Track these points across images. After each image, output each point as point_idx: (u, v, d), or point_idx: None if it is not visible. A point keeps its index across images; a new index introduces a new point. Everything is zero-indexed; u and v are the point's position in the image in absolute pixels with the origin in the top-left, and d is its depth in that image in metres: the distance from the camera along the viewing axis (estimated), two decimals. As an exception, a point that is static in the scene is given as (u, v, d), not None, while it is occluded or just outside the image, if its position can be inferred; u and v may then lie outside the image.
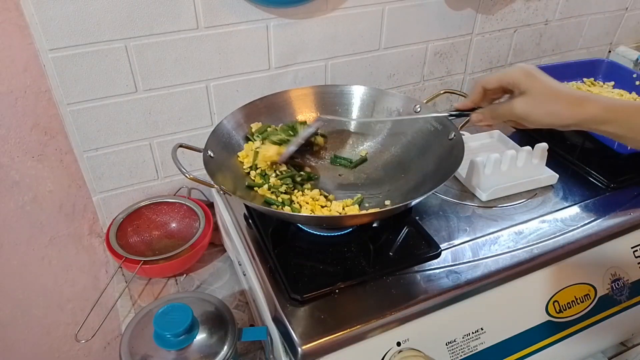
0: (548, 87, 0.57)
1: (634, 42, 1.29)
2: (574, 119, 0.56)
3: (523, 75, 0.58)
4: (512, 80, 0.59)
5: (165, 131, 0.87)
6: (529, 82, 0.58)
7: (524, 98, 0.58)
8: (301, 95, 0.82)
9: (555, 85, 0.57)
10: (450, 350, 0.62)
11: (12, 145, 0.79)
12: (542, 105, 0.57)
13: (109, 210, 0.90)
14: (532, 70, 0.58)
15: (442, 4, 0.96)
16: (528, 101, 0.58)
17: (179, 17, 0.76)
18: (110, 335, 1.08)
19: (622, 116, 0.54)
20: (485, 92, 0.64)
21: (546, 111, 0.57)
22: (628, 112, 0.54)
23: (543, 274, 0.69)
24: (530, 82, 0.58)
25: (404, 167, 0.76)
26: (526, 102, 0.58)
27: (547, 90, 0.57)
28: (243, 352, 0.73)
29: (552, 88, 0.57)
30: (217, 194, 0.82)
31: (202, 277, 0.85)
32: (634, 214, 0.75)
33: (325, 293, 0.61)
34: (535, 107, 0.57)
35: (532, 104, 0.57)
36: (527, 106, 0.58)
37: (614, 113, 0.55)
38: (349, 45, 0.92)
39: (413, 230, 0.71)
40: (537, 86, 0.57)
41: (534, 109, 0.57)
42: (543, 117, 0.57)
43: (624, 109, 0.55)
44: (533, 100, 0.57)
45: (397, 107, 0.79)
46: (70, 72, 0.74)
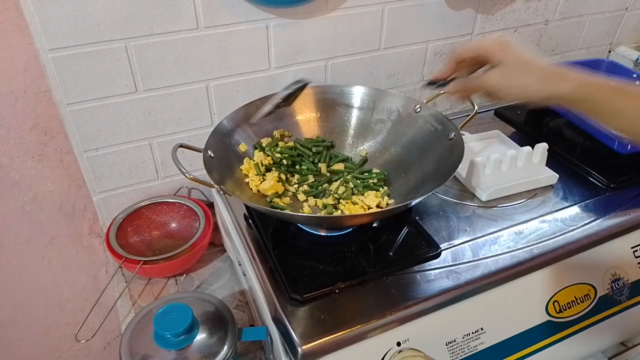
0: (521, 59, 0.55)
1: (634, 42, 1.29)
2: (545, 93, 0.54)
3: (497, 46, 0.56)
4: (486, 50, 0.57)
5: (165, 131, 0.87)
6: (502, 54, 0.55)
7: (496, 70, 0.56)
8: (301, 96, 0.81)
9: (530, 58, 0.55)
10: (450, 350, 0.62)
11: (12, 145, 0.79)
12: (514, 78, 0.55)
13: (109, 210, 0.90)
14: (508, 42, 0.56)
15: (442, 4, 0.96)
16: (500, 74, 0.55)
17: (179, 17, 0.76)
18: (110, 335, 1.08)
19: (595, 95, 0.52)
20: (461, 62, 0.61)
21: (517, 84, 0.55)
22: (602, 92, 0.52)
23: (543, 274, 0.69)
24: (504, 54, 0.55)
25: (404, 167, 0.76)
26: (499, 74, 0.56)
27: (520, 62, 0.55)
28: (243, 352, 0.73)
29: (526, 61, 0.55)
30: (217, 194, 0.82)
31: (202, 277, 0.85)
32: (634, 214, 0.75)
33: (325, 293, 0.61)
34: (506, 80, 0.55)
35: (504, 77, 0.55)
36: (499, 79, 0.56)
37: (588, 90, 0.52)
38: (349, 45, 0.92)
39: (413, 230, 0.71)
40: (510, 58, 0.55)
41: (506, 82, 0.55)
42: (514, 90, 0.55)
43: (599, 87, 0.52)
44: (505, 74, 0.55)
45: (397, 107, 0.79)
46: (70, 72, 0.74)
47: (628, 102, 0.51)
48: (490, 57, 0.57)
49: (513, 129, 0.97)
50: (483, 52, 0.58)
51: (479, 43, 0.58)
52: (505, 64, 0.55)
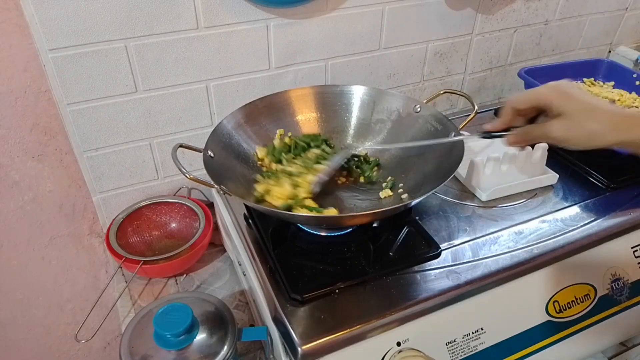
0: (586, 107, 0.52)
1: (634, 42, 1.29)
2: (616, 139, 0.52)
3: (556, 95, 0.54)
4: (544, 101, 0.55)
5: (165, 131, 0.87)
6: (563, 103, 0.53)
7: (560, 121, 0.54)
8: (301, 95, 0.82)
9: (594, 102, 0.53)
10: (450, 350, 0.62)
11: (12, 145, 0.79)
12: (581, 127, 0.52)
13: (109, 210, 0.90)
14: (566, 88, 0.54)
15: (442, 4, 0.96)
16: (566, 124, 0.53)
17: (179, 17, 0.76)
18: (110, 335, 1.08)
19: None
20: (517, 112, 0.59)
21: (585, 134, 0.52)
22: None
23: (543, 274, 0.69)
24: (565, 103, 0.53)
25: (404, 167, 0.76)
26: (564, 124, 0.53)
27: (585, 110, 0.52)
28: (243, 352, 0.73)
29: (591, 108, 0.52)
30: (217, 194, 0.82)
31: (202, 277, 0.85)
32: (634, 214, 0.75)
33: (325, 293, 0.61)
34: (574, 130, 0.53)
35: (571, 127, 0.53)
36: (566, 129, 0.53)
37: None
38: (349, 45, 0.92)
39: (413, 230, 0.71)
40: (573, 107, 0.53)
41: (574, 132, 0.53)
42: (584, 140, 0.53)
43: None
44: (571, 123, 0.53)
45: (397, 107, 0.79)
46: (70, 72, 0.74)
47: None
48: (550, 107, 0.55)
49: (513, 129, 0.97)
50: (541, 102, 0.56)
51: (536, 93, 0.56)
52: (568, 113, 0.53)
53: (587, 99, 0.53)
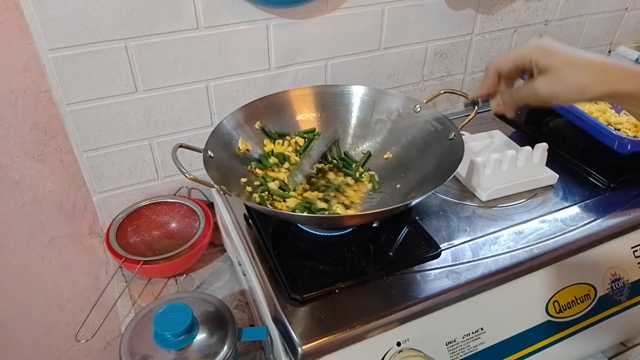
0: (571, 59, 0.51)
1: (634, 42, 1.29)
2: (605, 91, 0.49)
3: (539, 52, 0.53)
4: (528, 59, 0.53)
5: (165, 131, 0.87)
6: (547, 58, 0.52)
7: (546, 77, 0.52)
8: (301, 96, 0.82)
9: (579, 55, 0.51)
10: (450, 350, 0.62)
11: (12, 145, 0.79)
12: (569, 80, 0.51)
13: (109, 210, 0.90)
14: (548, 45, 0.53)
15: (442, 4, 0.96)
16: (551, 79, 0.52)
17: (179, 17, 0.76)
18: (110, 335, 1.08)
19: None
20: (500, 76, 0.58)
21: (575, 85, 0.50)
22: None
23: (543, 274, 0.69)
24: (550, 58, 0.52)
25: (404, 167, 0.76)
26: (550, 80, 0.52)
27: (570, 63, 0.51)
28: (243, 352, 0.73)
29: (576, 60, 0.50)
30: (217, 194, 0.82)
31: (202, 277, 0.85)
32: (634, 214, 0.75)
33: (325, 293, 0.61)
34: (562, 84, 0.51)
35: (557, 82, 0.51)
36: (552, 85, 0.52)
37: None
38: (349, 45, 0.92)
39: (413, 230, 0.71)
40: (557, 61, 0.51)
41: (561, 85, 0.51)
42: (573, 93, 0.51)
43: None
44: (557, 77, 0.51)
45: (397, 107, 0.79)
46: (70, 72, 0.74)
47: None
48: (534, 64, 0.53)
49: (513, 129, 0.97)
50: (524, 60, 0.54)
51: (517, 52, 0.55)
52: (553, 68, 0.51)
53: (571, 52, 0.52)
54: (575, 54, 0.51)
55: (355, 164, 0.78)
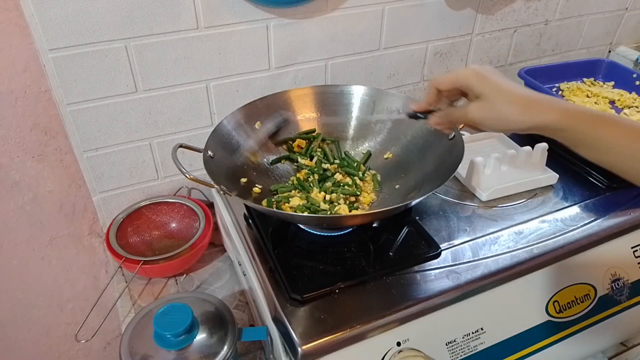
0: (501, 89, 0.53)
1: (634, 42, 1.29)
2: (529, 123, 0.52)
3: (474, 77, 0.55)
4: (464, 82, 0.55)
5: (165, 131, 0.87)
6: (481, 86, 0.54)
7: (478, 103, 0.54)
8: (301, 96, 0.82)
9: (509, 87, 0.53)
10: (450, 350, 0.62)
11: (12, 145, 0.79)
12: (496, 109, 0.53)
13: (109, 210, 0.90)
14: (484, 72, 0.55)
15: (442, 4, 0.96)
16: (483, 106, 0.54)
17: (179, 17, 0.76)
18: (110, 335, 1.08)
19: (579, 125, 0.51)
20: (440, 93, 0.60)
21: (500, 116, 0.53)
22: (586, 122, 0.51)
23: (543, 274, 0.69)
24: (483, 85, 0.54)
25: (404, 167, 0.76)
26: (481, 107, 0.54)
27: (500, 93, 0.53)
28: (243, 352, 0.73)
29: (505, 91, 0.53)
30: (217, 194, 0.82)
31: (202, 277, 0.85)
32: (634, 214, 0.75)
33: (325, 293, 0.61)
34: (489, 112, 0.53)
35: (486, 109, 0.54)
36: (482, 111, 0.54)
37: (571, 120, 0.51)
38: (349, 45, 0.92)
39: (413, 230, 0.71)
40: (489, 89, 0.53)
41: (488, 113, 0.54)
42: (498, 122, 0.54)
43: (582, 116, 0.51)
44: (486, 104, 0.54)
45: (397, 107, 0.79)
46: (70, 72, 0.74)
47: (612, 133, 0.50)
48: (469, 89, 0.55)
49: (513, 129, 0.97)
50: (460, 84, 0.56)
51: (455, 75, 0.57)
52: (485, 95, 0.54)
53: (502, 81, 0.54)
54: (505, 86, 0.53)
55: (357, 163, 0.78)
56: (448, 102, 0.61)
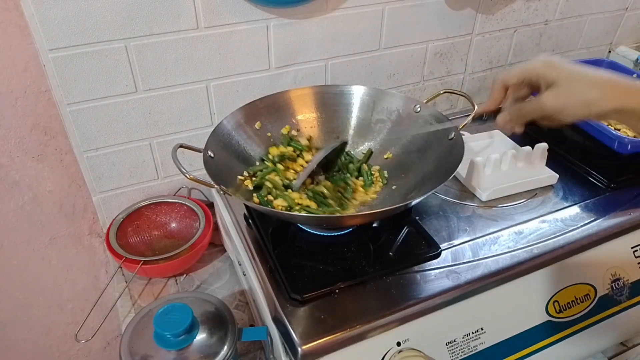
0: (578, 73, 0.50)
1: (634, 42, 1.29)
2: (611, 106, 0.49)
3: (546, 66, 0.52)
4: (535, 72, 0.53)
5: (165, 131, 0.87)
6: (554, 72, 0.51)
7: (553, 91, 0.51)
8: (301, 96, 0.82)
9: (585, 71, 0.50)
10: (450, 350, 0.62)
11: (12, 145, 0.79)
12: (575, 95, 0.50)
13: (109, 210, 0.90)
14: (555, 60, 0.52)
15: (442, 4, 0.96)
16: (559, 93, 0.51)
17: (179, 17, 0.76)
18: (110, 335, 1.08)
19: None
20: (507, 90, 0.57)
21: (580, 101, 0.50)
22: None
23: (543, 274, 0.69)
24: (557, 72, 0.51)
25: (404, 167, 0.76)
26: (557, 94, 0.51)
27: (578, 77, 0.50)
28: (243, 352, 0.73)
29: (583, 74, 0.50)
30: (217, 194, 0.82)
31: (202, 277, 0.85)
32: (634, 214, 0.75)
33: (325, 293, 0.61)
34: (568, 98, 0.50)
35: (564, 96, 0.51)
36: (559, 99, 0.51)
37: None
38: (349, 45, 0.92)
39: (413, 230, 0.71)
40: (565, 75, 0.51)
41: (568, 100, 0.50)
42: (579, 108, 0.50)
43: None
44: (565, 91, 0.51)
45: (397, 107, 0.79)
46: (70, 72, 0.74)
47: None
48: (542, 78, 0.53)
49: (513, 129, 0.97)
50: (530, 74, 0.54)
51: (524, 67, 0.55)
52: (561, 81, 0.51)
53: (579, 67, 0.51)
54: (582, 70, 0.51)
55: (359, 161, 0.78)
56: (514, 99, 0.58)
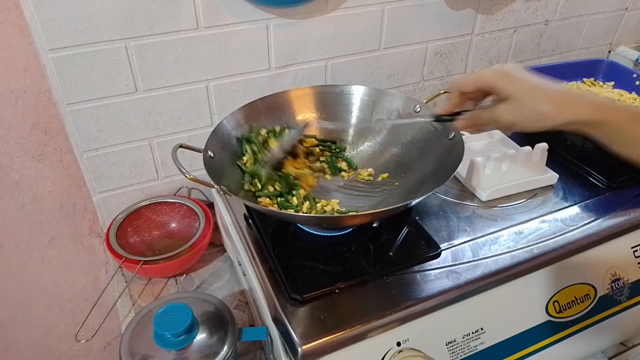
0: (531, 88, 0.52)
1: (634, 42, 1.29)
2: (564, 120, 0.51)
3: (500, 78, 0.53)
4: (489, 84, 0.54)
5: (165, 131, 0.87)
6: (509, 86, 0.52)
7: (507, 105, 0.53)
8: (301, 96, 0.82)
9: (539, 85, 0.52)
10: (450, 350, 0.62)
11: (12, 145, 0.79)
12: (529, 108, 0.51)
13: (109, 210, 0.90)
14: (510, 71, 0.53)
15: (442, 4, 0.96)
16: (513, 108, 0.52)
17: (179, 17, 0.76)
18: (110, 335, 1.08)
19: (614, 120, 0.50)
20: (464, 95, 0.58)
21: (535, 114, 0.51)
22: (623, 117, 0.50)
23: (543, 274, 0.69)
24: (511, 86, 0.52)
25: (404, 167, 0.76)
26: (511, 108, 0.52)
27: (531, 92, 0.51)
28: (243, 352, 0.73)
29: (536, 89, 0.51)
30: (217, 194, 0.82)
31: (202, 277, 0.85)
32: (634, 214, 0.75)
33: (325, 293, 0.61)
34: (522, 113, 0.52)
35: (518, 110, 0.52)
36: (513, 113, 0.52)
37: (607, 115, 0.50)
38: (349, 45, 0.92)
39: (413, 230, 0.71)
40: (518, 89, 0.52)
41: (521, 114, 0.52)
42: (533, 122, 0.52)
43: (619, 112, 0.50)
44: (518, 105, 0.52)
45: (397, 107, 0.79)
46: (70, 72, 0.74)
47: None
48: (496, 91, 0.54)
49: (513, 129, 0.97)
50: (485, 85, 0.55)
51: (479, 76, 0.55)
52: (514, 96, 0.52)
53: (532, 80, 0.52)
54: (534, 84, 0.52)
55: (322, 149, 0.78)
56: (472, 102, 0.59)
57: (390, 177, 0.76)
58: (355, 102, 0.82)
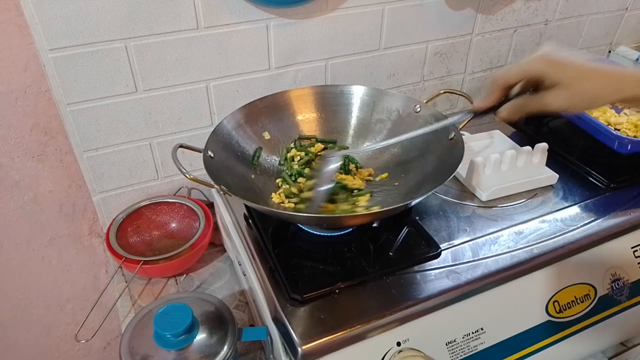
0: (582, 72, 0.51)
1: (634, 42, 1.29)
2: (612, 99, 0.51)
3: (547, 65, 0.52)
4: (536, 72, 0.53)
5: (165, 131, 0.87)
6: (557, 72, 0.51)
7: (559, 91, 0.52)
8: (301, 96, 0.82)
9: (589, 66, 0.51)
10: (450, 350, 0.62)
11: (12, 145, 0.79)
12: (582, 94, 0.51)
13: (109, 210, 0.90)
14: (556, 57, 0.52)
15: (442, 4, 0.96)
16: (564, 94, 0.51)
17: (179, 17, 0.76)
18: (110, 335, 1.08)
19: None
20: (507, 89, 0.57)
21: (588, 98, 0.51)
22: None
23: (543, 274, 0.69)
24: (560, 71, 0.51)
25: (404, 167, 0.76)
26: (562, 95, 0.51)
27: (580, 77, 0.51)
28: (243, 352, 0.73)
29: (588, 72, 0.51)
30: (217, 194, 0.82)
31: (202, 277, 0.85)
32: (634, 214, 0.75)
33: (325, 293, 0.61)
34: (573, 98, 0.51)
35: (570, 96, 0.51)
36: (565, 99, 0.52)
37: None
38: (349, 45, 0.92)
39: (413, 230, 0.71)
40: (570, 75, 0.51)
41: (573, 100, 0.51)
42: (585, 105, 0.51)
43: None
44: (569, 92, 0.51)
45: (397, 107, 0.79)
46: (70, 72, 0.74)
47: None
48: (544, 78, 0.53)
49: (513, 129, 0.97)
50: (532, 74, 0.54)
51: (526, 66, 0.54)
52: (565, 82, 0.51)
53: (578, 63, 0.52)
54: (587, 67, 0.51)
55: None
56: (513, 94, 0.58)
57: (390, 177, 0.76)
58: (355, 102, 0.82)
